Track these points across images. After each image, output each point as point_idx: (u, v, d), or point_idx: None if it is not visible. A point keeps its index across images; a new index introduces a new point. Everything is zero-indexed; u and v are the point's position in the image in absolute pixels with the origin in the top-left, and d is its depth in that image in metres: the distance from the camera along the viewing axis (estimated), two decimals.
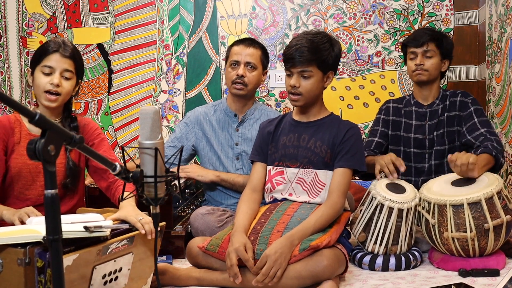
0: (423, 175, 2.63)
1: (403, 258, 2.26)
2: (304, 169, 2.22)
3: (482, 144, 2.41)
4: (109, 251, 1.64)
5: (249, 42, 2.68)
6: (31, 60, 2.09)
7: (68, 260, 1.49)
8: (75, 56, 2.08)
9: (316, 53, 2.14)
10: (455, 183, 2.30)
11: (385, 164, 2.37)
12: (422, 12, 3.30)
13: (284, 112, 3.27)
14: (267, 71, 2.74)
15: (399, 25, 3.31)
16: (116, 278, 1.71)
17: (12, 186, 2.06)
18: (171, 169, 1.47)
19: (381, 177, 2.39)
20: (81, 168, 2.17)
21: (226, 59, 2.70)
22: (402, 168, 2.36)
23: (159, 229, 1.49)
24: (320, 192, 2.20)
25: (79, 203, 2.20)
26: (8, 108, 3.35)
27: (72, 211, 2.11)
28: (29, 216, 1.81)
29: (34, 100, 2.10)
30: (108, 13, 3.42)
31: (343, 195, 2.15)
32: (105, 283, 1.66)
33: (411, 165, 2.65)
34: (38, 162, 2.00)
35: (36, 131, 2.07)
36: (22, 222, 1.80)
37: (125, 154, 1.45)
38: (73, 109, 2.16)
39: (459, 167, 2.23)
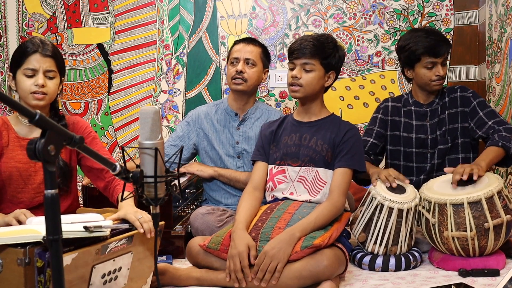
0: (424, 174, 2.61)
1: (403, 258, 2.26)
2: (305, 168, 2.23)
3: (491, 137, 2.40)
4: (108, 250, 1.64)
5: (249, 40, 2.75)
6: (10, 63, 2.04)
7: (66, 259, 1.49)
8: (56, 54, 2.04)
9: (320, 49, 2.21)
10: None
11: (385, 177, 2.34)
12: (422, 12, 3.30)
13: (284, 112, 3.27)
14: (268, 70, 2.76)
15: (399, 25, 3.31)
16: (116, 278, 1.70)
17: (5, 190, 2.03)
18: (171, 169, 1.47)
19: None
20: (72, 168, 2.14)
21: (228, 59, 2.73)
22: (407, 181, 2.36)
23: (158, 229, 1.49)
24: (320, 190, 2.21)
25: (74, 203, 2.17)
26: (8, 108, 3.35)
27: (67, 211, 2.08)
28: (19, 221, 1.80)
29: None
30: (108, 13, 3.42)
31: (344, 194, 2.16)
32: (105, 282, 1.66)
33: (412, 165, 2.64)
34: (28, 165, 2.01)
35: (24, 133, 2.05)
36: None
37: (125, 154, 1.44)
38: (60, 107, 2.11)
39: (462, 174, 2.22)
